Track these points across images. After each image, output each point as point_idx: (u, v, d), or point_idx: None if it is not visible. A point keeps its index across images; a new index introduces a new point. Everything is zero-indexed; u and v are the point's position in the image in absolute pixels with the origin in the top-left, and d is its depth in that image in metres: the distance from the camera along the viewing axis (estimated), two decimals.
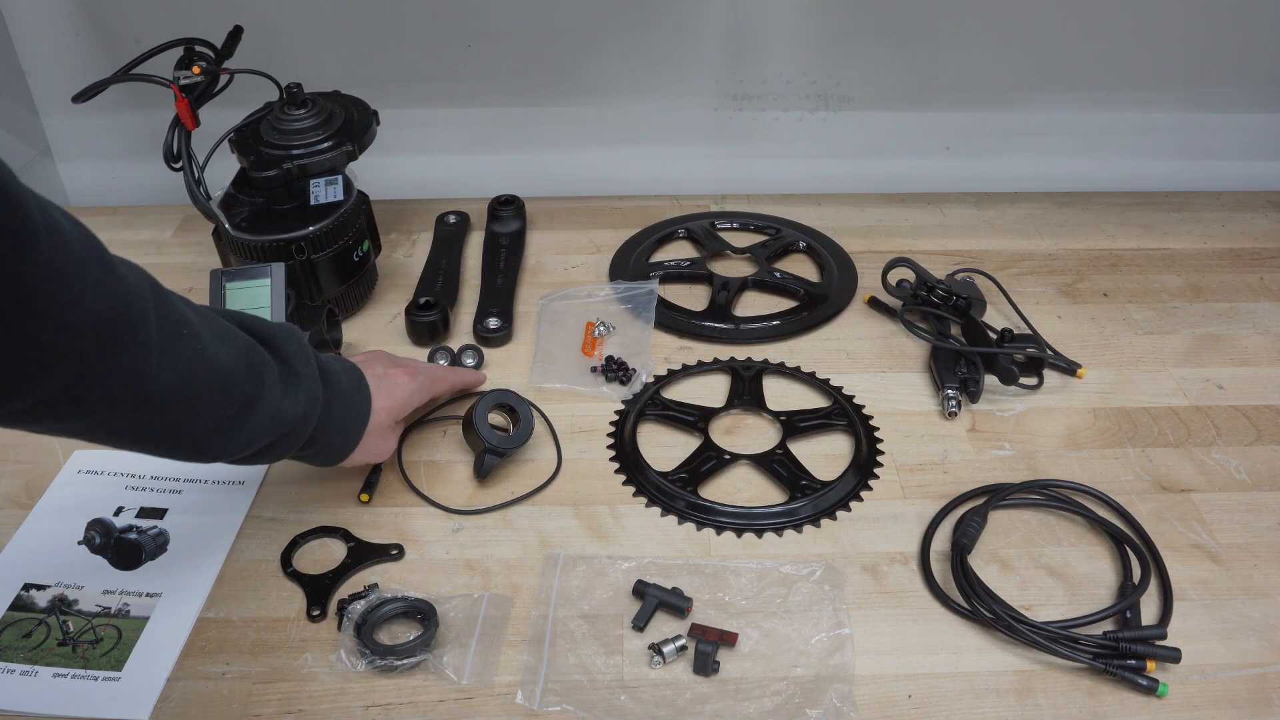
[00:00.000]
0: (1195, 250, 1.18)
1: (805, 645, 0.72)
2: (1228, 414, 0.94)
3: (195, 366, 0.61)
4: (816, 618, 0.74)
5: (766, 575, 0.77)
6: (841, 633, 0.73)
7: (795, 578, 0.77)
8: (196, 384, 0.62)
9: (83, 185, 1.36)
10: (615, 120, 1.30)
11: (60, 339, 0.53)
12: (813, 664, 0.71)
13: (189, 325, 0.61)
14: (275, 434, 0.69)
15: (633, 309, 1.06)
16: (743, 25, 1.22)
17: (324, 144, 0.98)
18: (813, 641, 0.73)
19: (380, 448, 0.82)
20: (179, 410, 0.62)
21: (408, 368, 0.85)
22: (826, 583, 0.77)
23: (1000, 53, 1.25)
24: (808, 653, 0.72)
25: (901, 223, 1.23)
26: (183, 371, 0.60)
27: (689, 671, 0.71)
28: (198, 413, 0.63)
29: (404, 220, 1.22)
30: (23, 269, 0.49)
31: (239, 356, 0.65)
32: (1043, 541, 0.81)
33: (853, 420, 0.92)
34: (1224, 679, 0.71)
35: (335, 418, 0.75)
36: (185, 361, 0.61)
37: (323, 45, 1.22)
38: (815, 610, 0.75)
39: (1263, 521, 0.83)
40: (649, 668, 0.71)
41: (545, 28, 1.22)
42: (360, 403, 0.78)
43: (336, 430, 0.76)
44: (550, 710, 0.68)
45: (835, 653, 0.72)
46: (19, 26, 1.22)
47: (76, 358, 0.54)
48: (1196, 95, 1.29)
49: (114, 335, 0.56)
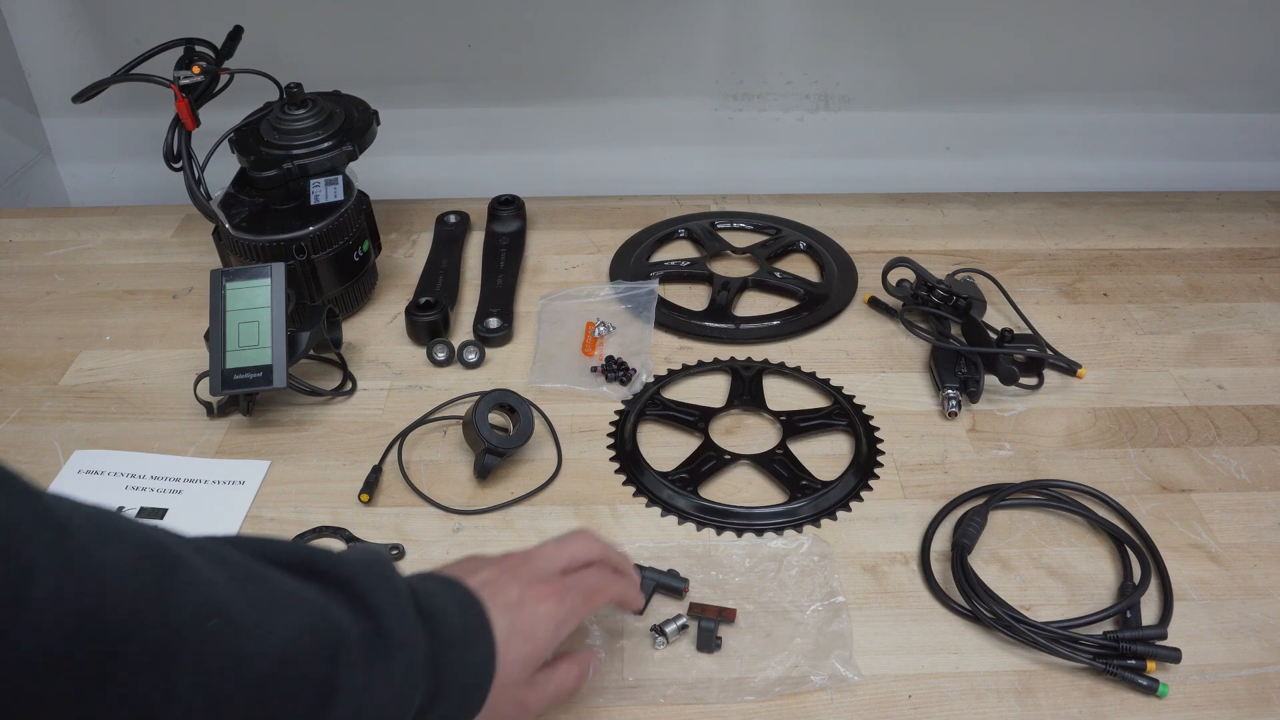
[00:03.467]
0: (1195, 250, 1.18)
1: (802, 616, 0.74)
2: (1228, 414, 0.94)
3: (235, 673, 0.41)
4: (810, 588, 0.76)
5: (757, 552, 0.79)
6: (836, 600, 0.75)
7: (785, 551, 0.79)
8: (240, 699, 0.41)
9: (83, 185, 1.36)
10: (615, 120, 1.30)
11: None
12: (811, 633, 0.72)
13: (219, 610, 0.41)
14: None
15: (633, 309, 1.06)
16: (743, 25, 1.23)
17: (324, 144, 0.98)
18: (809, 611, 0.74)
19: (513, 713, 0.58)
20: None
21: (554, 584, 0.59)
22: (815, 554, 0.78)
23: (1000, 53, 1.25)
24: (805, 623, 0.73)
25: (901, 223, 1.23)
26: (218, 687, 0.40)
27: (692, 650, 0.72)
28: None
29: (404, 220, 1.22)
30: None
31: (301, 629, 0.45)
32: (1043, 541, 0.81)
33: (853, 420, 0.92)
34: (1224, 679, 0.71)
35: (447, 684, 0.52)
36: (219, 672, 0.40)
37: (323, 45, 1.22)
38: (808, 581, 0.76)
39: (1263, 521, 0.83)
40: (652, 649, 0.72)
41: (545, 28, 1.22)
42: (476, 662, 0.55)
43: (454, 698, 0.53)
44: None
45: (833, 620, 0.73)
46: (19, 27, 1.22)
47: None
48: (1196, 95, 1.29)
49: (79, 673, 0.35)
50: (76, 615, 0.34)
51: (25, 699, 0.33)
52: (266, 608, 0.44)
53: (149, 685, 0.38)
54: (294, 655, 0.44)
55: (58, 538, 0.35)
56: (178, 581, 0.40)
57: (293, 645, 0.44)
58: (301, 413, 0.94)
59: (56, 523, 0.36)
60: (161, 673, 0.38)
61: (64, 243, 1.19)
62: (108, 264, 1.15)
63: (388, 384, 0.97)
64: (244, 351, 0.88)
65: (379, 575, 0.50)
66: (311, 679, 0.44)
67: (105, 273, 1.13)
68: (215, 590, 0.42)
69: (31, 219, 1.23)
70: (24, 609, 0.33)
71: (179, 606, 0.39)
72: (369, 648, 0.47)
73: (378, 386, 0.97)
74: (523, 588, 0.58)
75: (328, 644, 0.45)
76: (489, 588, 0.57)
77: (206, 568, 0.42)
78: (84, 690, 0.35)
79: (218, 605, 0.41)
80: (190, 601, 0.40)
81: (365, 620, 0.48)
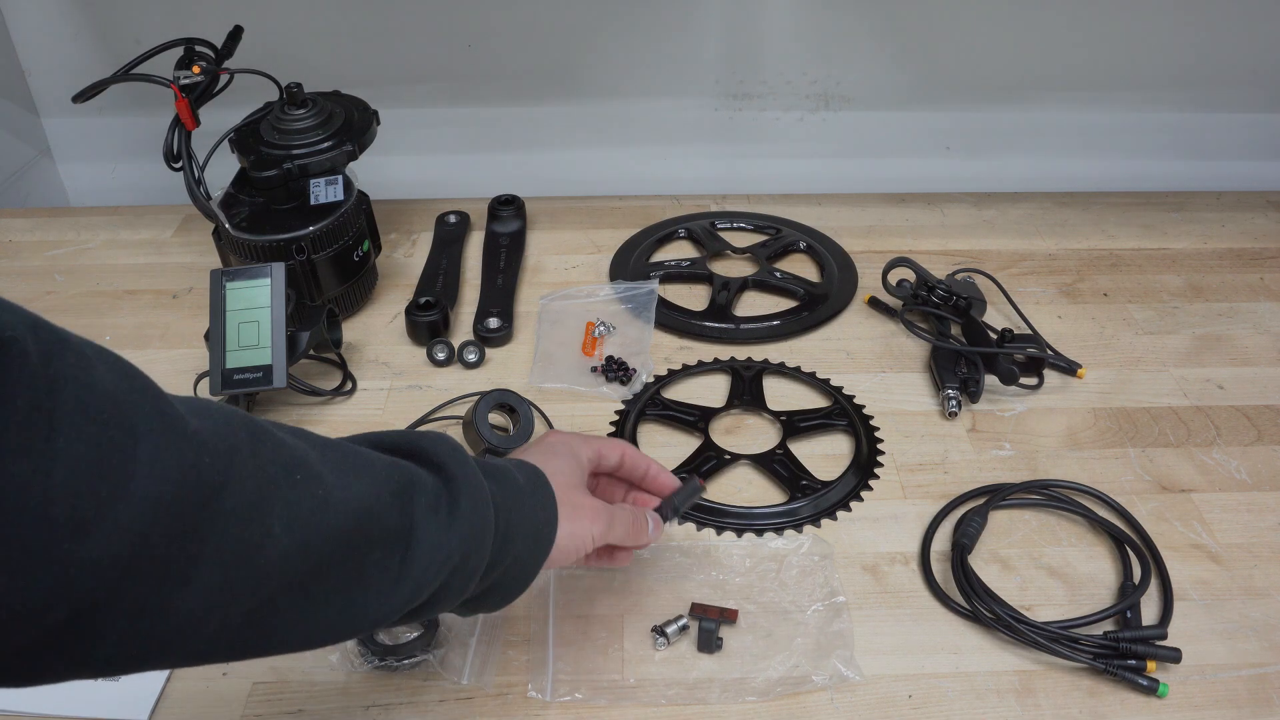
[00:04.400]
0: (1195, 250, 1.18)
1: (803, 616, 0.74)
2: (1228, 414, 0.94)
3: (320, 518, 0.46)
4: (811, 588, 0.76)
5: (757, 552, 0.79)
6: (837, 600, 0.75)
7: (785, 551, 0.79)
8: (326, 539, 0.47)
9: (83, 185, 1.36)
10: (615, 120, 1.30)
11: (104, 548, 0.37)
12: (812, 633, 0.73)
13: (304, 467, 0.47)
14: (446, 569, 0.53)
15: (633, 309, 1.06)
16: (743, 25, 1.23)
17: (324, 144, 0.98)
18: (810, 611, 0.74)
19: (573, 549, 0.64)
20: (308, 577, 0.46)
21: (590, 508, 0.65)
22: (816, 554, 0.79)
23: (1000, 53, 1.25)
24: (806, 623, 0.73)
25: (901, 223, 1.23)
26: (304, 529, 0.45)
27: (693, 650, 0.72)
28: (336, 573, 0.48)
29: (404, 220, 1.22)
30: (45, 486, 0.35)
31: (382, 487, 0.50)
32: (1043, 541, 0.81)
33: (853, 420, 0.92)
34: (1224, 679, 0.71)
35: (518, 525, 0.58)
36: (305, 515, 0.46)
37: (323, 45, 1.22)
38: (808, 581, 0.77)
39: (1263, 521, 0.83)
40: (653, 649, 0.72)
41: (545, 28, 1.22)
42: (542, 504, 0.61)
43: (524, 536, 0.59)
44: (562, 700, 0.69)
45: (833, 620, 0.73)
46: (19, 26, 1.22)
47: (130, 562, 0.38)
48: (1196, 95, 1.29)
49: (185, 515, 0.40)
50: (178, 468, 0.40)
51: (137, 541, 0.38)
52: (345, 467, 0.49)
53: (247, 528, 0.43)
54: (373, 505, 0.49)
55: (158, 408, 0.41)
56: (265, 444, 0.45)
57: (371, 497, 0.49)
58: (301, 413, 0.94)
59: (156, 395, 0.41)
60: (258, 517, 0.43)
61: (64, 243, 1.18)
62: (108, 264, 1.15)
63: (388, 384, 0.97)
64: (244, 351, 0.88)
65: (443, 441, 0.56)
66: (391, 526, 0.50)
67: (105, 273, 1.13)
68: (298, 452, 0.47)
69: (31, 219, 1.23)
70: (133, 464, 0.38)
71: (268, 462, 0.45)
72: (441, 496, 0.53)
73: (378, 386, 0.97)
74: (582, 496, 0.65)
75: (403, 495, 0.51)
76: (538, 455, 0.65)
77: (289, 437, 0.48)
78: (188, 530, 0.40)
79: (303, 463, 0.47)
80: (278, 459, 0.46)
81: (436, 474, 0.54)
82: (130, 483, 0.38)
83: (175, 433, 0.40)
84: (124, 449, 0.38)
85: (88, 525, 0.36)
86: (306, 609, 0.47)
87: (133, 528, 0.38)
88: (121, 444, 0.38)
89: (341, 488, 0.48)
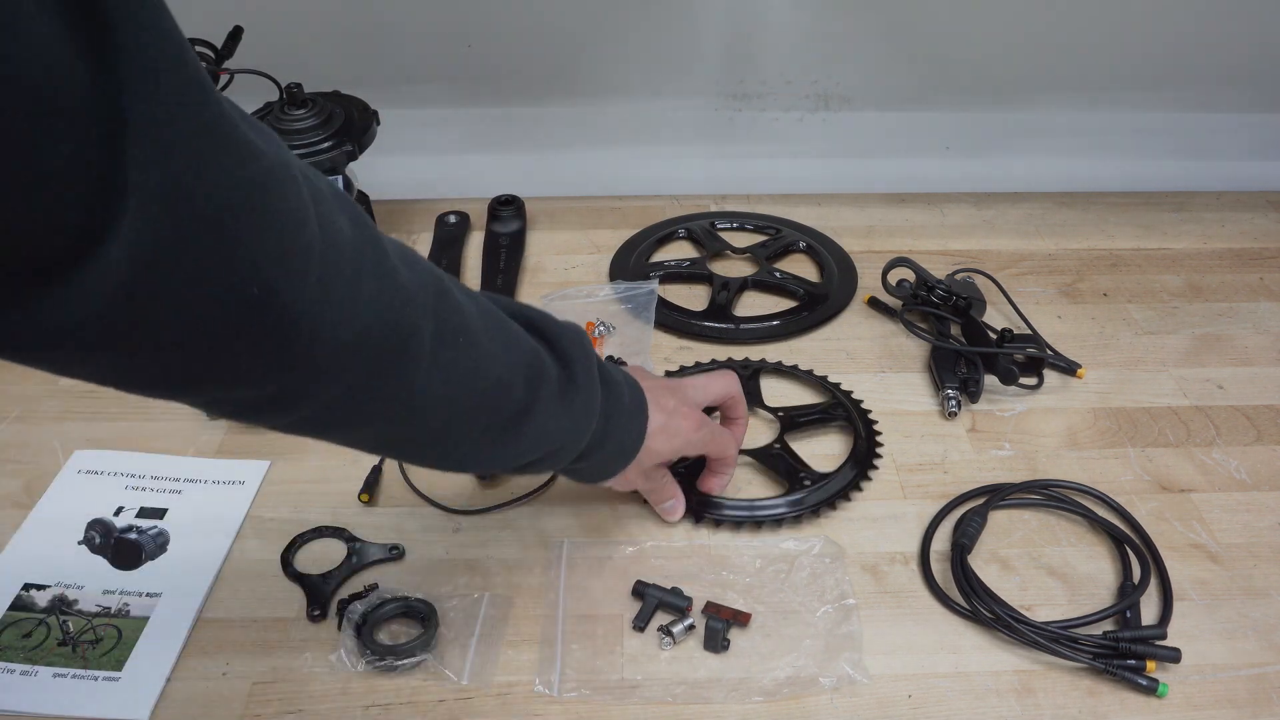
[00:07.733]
0: (1195, 250, 1.18)
1: (812, 617, 0.74)
2: (1228, 414, 0.94)
3: (469, 380, 0.56)
4: (821, 589, 0.76)
5: (768, 552, 0.79)
6: (847, 603, 0.75)
7: (796, 553, 0.79)
8: (468, 396, 0.57)
9: None
10: (615, 120, 1.30)
11: (324, 361, 0.48)
12: (821, 634, 0.72)
13: (467, 333, 0.56)
14: (545, 449, 0.64)
15: (633, 309, 1.06)
16: (743, 25, 1.23)
17: (324, 144, 0.98)
18: (819, 613, 0.74)
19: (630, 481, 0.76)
20: (447, 424, 0.58)
21: (697, 415, 0.77)
22: (826, 555, 0.78)
23: (1000, 53, 1.25)
24: (815, 624, 0.73)
25: (901, 223, 1.23)
26: (455, 385, 0.56)
27: (699, 649, 0.72)
28: (466, 426, 0.59)
29: (404, 220, 1.22)
30: (294, 298, 0.44)
31: (518, 365, 0.60)
32: (1043, 541, 0.81)
33: (851, 415, 0.92)
34: (1224, 679, 0.71)
35: (611, 436, 0.69)
36: (459, 375, 0.56)
37: (323, 45, 1.22)
38: (819, 583, 0.76)
39: (1263, 521, 0.83)
40: (659, 649, 0.72)
41: (545, 28, 1.22)
42: (634, 431, 0.71)
43: (612, 450, 0.70)
44: (569, 697, 0.69)
45: (843, 622, 0.73)
46: None
47: (340, 377, 0.49)
48: (1196, 95, 1.29)
49: (385, 351, 0.51)
50: (389, 308, 0.50)
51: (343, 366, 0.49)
52: (498, 340, 0.59)
53: (418, 370, 0.53)
54: (510, 378, 0.59)
55: (379, 257, 0.50)
56: (447, 305, 0.55)
57: (509, 371, 0.59)
58: None
59: (377, 244, 0.51)
60: (429, 364, 0.53)
61: None
62: None
63: None
64: None
65: (579, 342, 0.66)
66: (517, 398, 0.60)
67: None
68: (468, 318, 0.57)
69: None
70: (356, 304, 0.48)
71: (445, 322, 0.54)
72: (561, 388, 0.63)
73: None
74: (677, 404, 0.75)
75: (533, 377, 0.61)
76: (654, 392, 0.74)
77: (465, 300, 0.57)
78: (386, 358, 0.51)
79: (467, 328, 0.56)
80: (453, 322, 0.55)
81: (562, 368, 0.64)
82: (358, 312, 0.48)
83: (388, 282, 0.50)
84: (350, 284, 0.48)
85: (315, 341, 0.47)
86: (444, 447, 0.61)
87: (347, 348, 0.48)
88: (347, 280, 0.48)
89: (491, 356, 0.58)
